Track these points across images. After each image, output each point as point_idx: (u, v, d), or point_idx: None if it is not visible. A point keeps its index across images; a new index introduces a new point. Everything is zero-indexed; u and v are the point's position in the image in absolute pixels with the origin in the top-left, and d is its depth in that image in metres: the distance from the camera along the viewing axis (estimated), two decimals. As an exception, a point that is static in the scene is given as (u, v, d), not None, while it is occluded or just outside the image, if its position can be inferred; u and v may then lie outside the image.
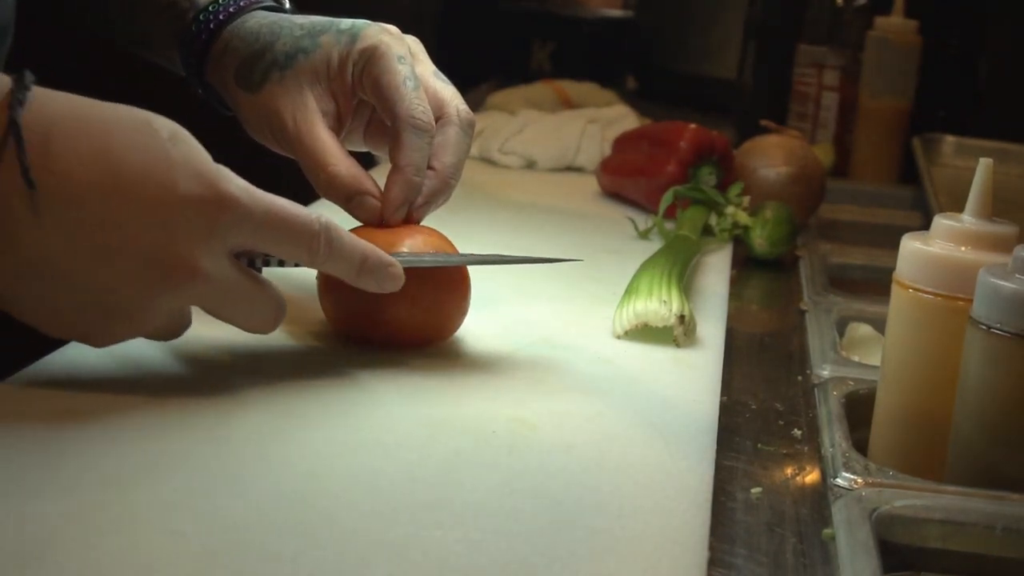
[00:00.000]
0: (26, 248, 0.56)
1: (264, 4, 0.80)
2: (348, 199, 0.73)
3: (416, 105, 0.73)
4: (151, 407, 0.61)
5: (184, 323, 0.63)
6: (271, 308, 0.64)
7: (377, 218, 0.73)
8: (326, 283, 0.73)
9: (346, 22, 0.76)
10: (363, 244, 0.66)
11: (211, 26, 0.78)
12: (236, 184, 0.59)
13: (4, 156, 0.55)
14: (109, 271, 0.57)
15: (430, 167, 0.74)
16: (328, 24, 0.76)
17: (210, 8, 0.79)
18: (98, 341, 0.61)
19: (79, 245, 0.57)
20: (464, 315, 0.75)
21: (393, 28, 0.76)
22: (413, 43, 0.78)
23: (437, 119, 0.75)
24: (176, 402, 0.62)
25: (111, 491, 0.52)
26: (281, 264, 0.64)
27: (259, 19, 0.78)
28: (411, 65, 0.74)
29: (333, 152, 0.73)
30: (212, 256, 0.59)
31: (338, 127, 0.76)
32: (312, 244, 0.63)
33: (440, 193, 0.74)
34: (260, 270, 0.64)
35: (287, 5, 0.82)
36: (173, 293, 0.59)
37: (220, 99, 0.81)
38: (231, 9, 0.78)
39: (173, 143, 0.58)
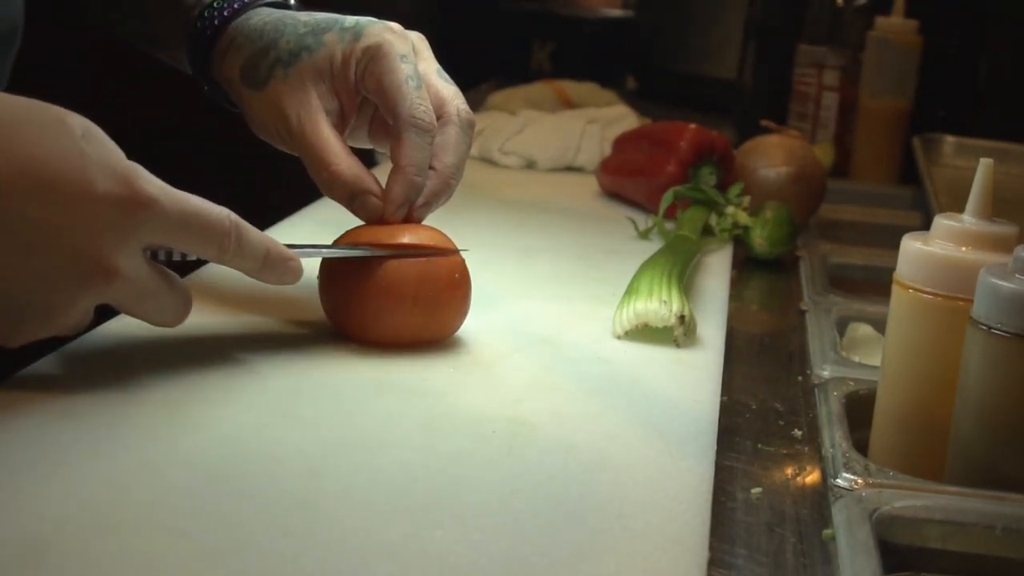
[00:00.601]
0: None
1: (268, 0, 0.80)
2: (350, 198, 0.73)
3: (418, 105, 0.73)
4: (151, 407, 0.61)
5: (88, 319, 0.62)
6: (181, 302, 0.64)
7: (379, 217, 0.73)
8: (327, 283, 0.73)
9: (350, 19, 0.76)
10: (267, 239, 0.65)
11: (215, 22, 0.78)
12: (151, 183, 0.58)
13: None
14: (26, 271, 0.56)
15: (431, 167, 0.74)
16: (332, 22, 0.76)
17: (214, 4, 0.79)
18: (8, 341, 0.59)
19: None
20: (464, 315, 0.75)
21: (396, 26, 0.76)
22: (417, 40, 0.78)
23: (438, 118, 0.75)
24: (176, 402, 0.62)
25: (111, 491, 0.52)
26: (183, 258, 0.64)
27: (263, 16, 0.78)
28: (414, 64, 0.74)
29: (336, 151, 0.73)
30: (128, 255, 0.58)
31: (342, 125, 0.76)
32: (223, 241, 0.62)
33: (441, 193, 0.74)
34: (165, 264, 0.63)
35: (291, 1, 0.82)
36: (90, 292, 0.58)
37: (226, 96, 0.81)
38: (235, 5, 0.78)
39: (87, 141, 0.57)
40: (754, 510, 0.60)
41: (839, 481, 0.61)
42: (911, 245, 0.65)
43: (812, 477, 0.64)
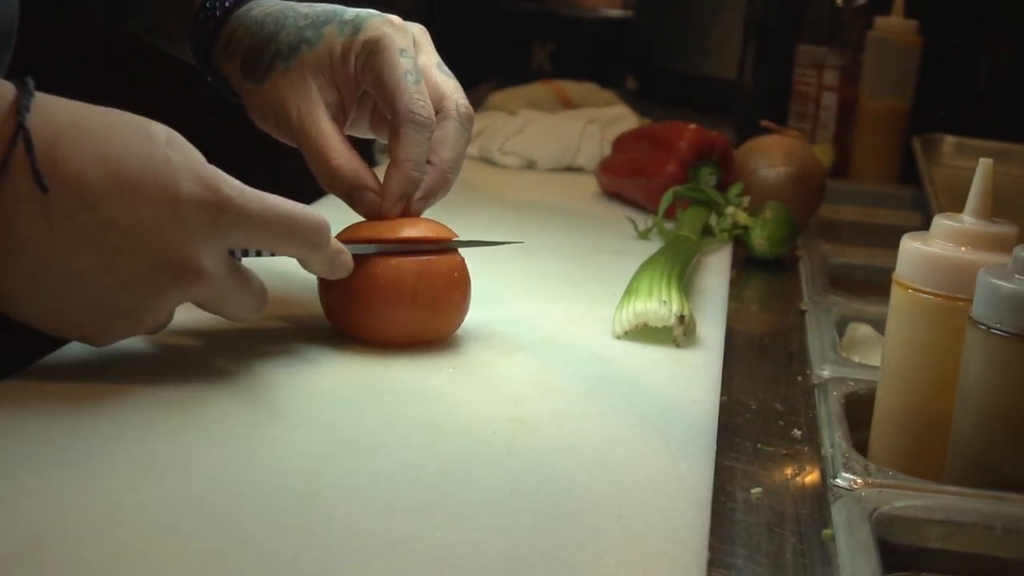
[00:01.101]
0: (35, 251, 0.57)
1: None
2: (348, 193, 0.74)
3: (416, 100, 0.73)
4: (151, 407, 0.61)
5: (171, 318, 0.64)
6: (257, 297, 0.66)
7: (376, 212, 0.73)
8: (327, 283, 0.73)
9: (350, 12, 0.76)
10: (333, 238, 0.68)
11: (217, 13, 0.78)
12: (232, 185, 0.60)
13: (13, 161, 0.55)
14: (117, 273, 0.58)
15: (429, 162, 0.74)
16: (331, 14, 0.76)
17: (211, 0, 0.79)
18: (99, 341, 0.62)
19: (88, 248, 0.57)
20: (464, 315, 0.75)
21: (396, 19, 0.76)
22: (418, 32, 0.78)
23: (436, 112, 0.75)
24: (176, 402, 0.62)
25: (111, 490, 0.52)
26: (258, 254, 0.66)
27: (264, 7, 0.78)
28: (413, 58, 0.74)
29: (335, 146, 0.73)
30: (213, 255, 0.61)
31: (342, 118, 0.76)
32: (316, 238, 0.65)
33: (439, 187, 0.75)
34: (240, 261, 0.65)
35: None
36: (178, 292, 0.60)
37: (230, 87, 0.81)
38: (227, 2, 0.79)
39: (171, 147, 0.59)
40: (754, 510, 0.60)
41: (839, 481, 0.61)
42: (911, 245, 0.65)
43: (812, 477, 0.64)
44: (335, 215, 0.78)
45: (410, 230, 0.72)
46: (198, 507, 0.51)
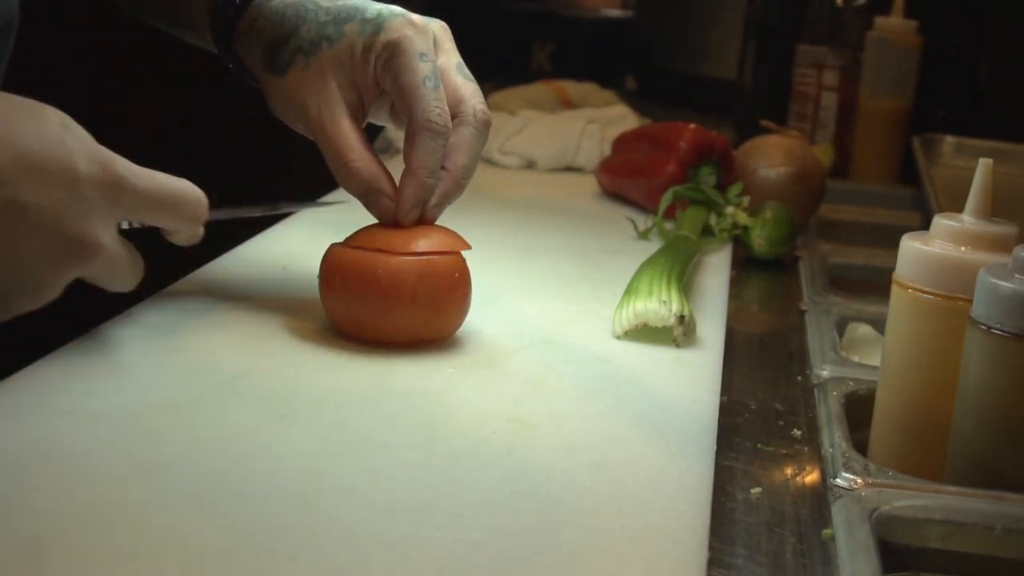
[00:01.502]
0: None
1: None
2: (364, 195, 0.74)
3: (433, 107, 0.73)
4: (151, 407, 0.61)
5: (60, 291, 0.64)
6: (139, 268, 0.67)
7: (391, 217, 0.73)
8: (327, 282, 0.73)
9: (371, 9, 0.76)
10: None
11: (236, 1, 0.78)
12: (124, 164, 0.62)
13: None
14: (18, 251, 0.59)
15: (443, 167, 0.74)
16: (353, 11, 0.76)
17: None
18: None
19: None
20: (464, 315, 0.75)
21: (418, 18, 0.76)
22: (440, 31, 0.78)
23: (453, 117, 0.75)
24: (175, 402, 0.62)
25: (111, 491, 0.52)
26: (142, 226, 0.68)
27: (285, 0, 0.78)
28: (433, 61, 0.74)
29: (354, 146, 0.74)
30: (107, 230, 0.62)
31: (360, 116, 0.76)
32: (197, 211, 0.68)
33: (452, 193, 0.75)
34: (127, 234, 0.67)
35: None
36: (77, 268, 0.61)
37: (251, 74, 0.81)
38: None
39: (65, 129, 0.60)
40: (754, 510, 0.60)
41: (839, 481, 0.61)
42: (911, 245, 0.65)
43: (812, 477, 0.64)
44: (334, 217, 0.78)
45: (419, 241, 0.72)
46: (198, 507, 0.51)
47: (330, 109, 0.74)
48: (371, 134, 0.77)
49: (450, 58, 0.77)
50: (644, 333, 0.78)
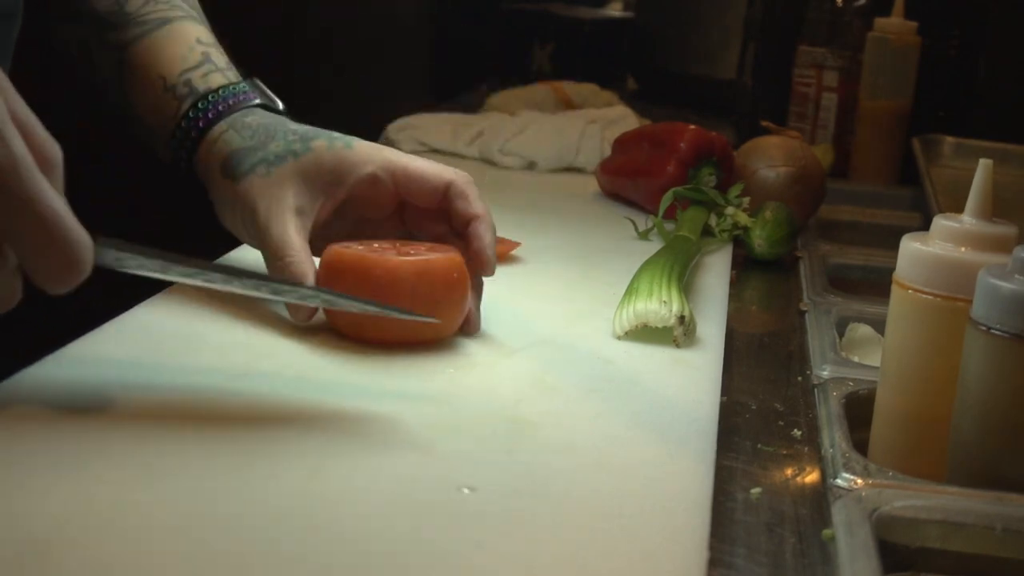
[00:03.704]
0: None
1: (260, 103, 0.82)
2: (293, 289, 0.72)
3: (454, 171, 0.77)
4: (151, 407, 0.61)
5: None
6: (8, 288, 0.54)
7: (306, 317, 0.74)
8: (326, 283, 0.73)
9: (339, 135, 0.78)
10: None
11: (209, 115, 0.80)
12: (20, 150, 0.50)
13: None
14: None
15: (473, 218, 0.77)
16: (321, 133, 0.78)
17: (209, 98, 0.80)
18: None
19: None
20: (463, 314, 0.75)
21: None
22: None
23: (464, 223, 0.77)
24: (175, 402, 0.62)
25: (112, 490, 0.52)
26: None
27: (259, 117, 0.80)
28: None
29: (295, 246, 0.74)
30: None
31: (310, 225, 0.77)
32: (75, 255, 0.52)
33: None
34: None
35: (281, 107, 0.83)
36: None
37: (200, 182, 0.81)
38: (230, 102, 0.80)
39: None
40: (754, 510, 0.60)
41: (839, 481, 0.61)
42: (910, 245, 0.65)
43: (812, 477, 0.64)
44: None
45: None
46: (198, 507, 0.51)
47: (279, 212, 0.75)
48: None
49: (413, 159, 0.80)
50: (644, 333, 0.78)
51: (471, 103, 1.71)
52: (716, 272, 0.99)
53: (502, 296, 0.85)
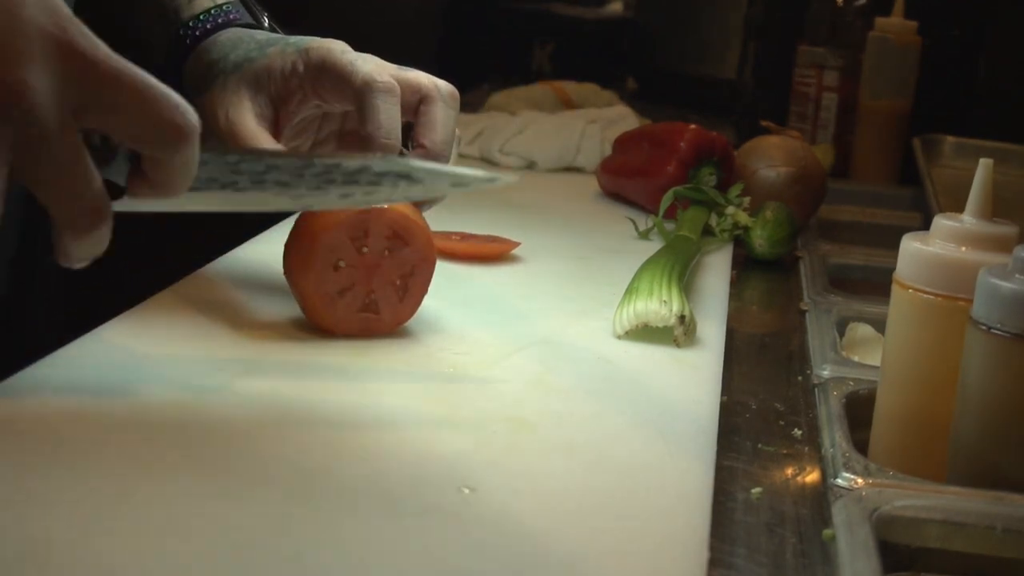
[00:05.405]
0: None
1: (242, 22, 0.81)
2: None
3: (372, 72, 0.71)
4: (150, 408, 0.61)
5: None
6: (98, 204, 0.54)
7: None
8: (287, 251, 0.73)
9: (296, 38, 0.76)
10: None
11: (187, 42, 0.79)
12: (92, 40, 0.52)
13: None
14: None
15: (419, 145, 0.72)
16: (280, 39, 0.77)
17: (190, 24, 0.79)
18: None
19: None
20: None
21: (341, 43, 0.75)
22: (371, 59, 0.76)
23: (419, 99, 0.73)
24: (175, 402, 0.62)
25: (111, 491, 0.52)
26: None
27: (229, 34, 0.79)
28: (360, 57, 0.74)
29: (260, 137, 0.73)
30: (51, 98, 0.50)
31: (273, 132, 0.75)
32: (178, 121, 0.54)
33: None
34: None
35: (265, 24, 0.83)
36: None
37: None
38: (208, 26, 0.79)
39: None
40: (754, 510, 0.60)
41: (839, 481, 0.61)
42: (911, 245, 0.65)
43: (812, 477, 0.64)
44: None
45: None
46: (197, 507, 0.51)
47: (239, 114, 0.74)
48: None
49: (386, 66, 0.74)
50: (644, 333, 0.78)
51: (471, 103, 1.71)
52: (716, 272, 0.99)
53: (502, 296, 0.85)
